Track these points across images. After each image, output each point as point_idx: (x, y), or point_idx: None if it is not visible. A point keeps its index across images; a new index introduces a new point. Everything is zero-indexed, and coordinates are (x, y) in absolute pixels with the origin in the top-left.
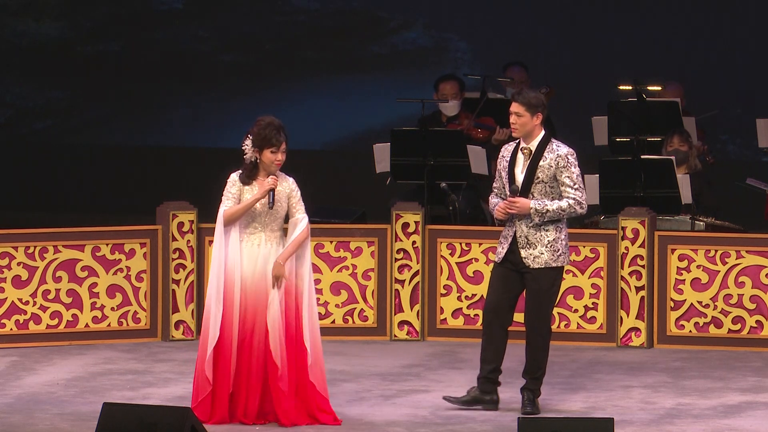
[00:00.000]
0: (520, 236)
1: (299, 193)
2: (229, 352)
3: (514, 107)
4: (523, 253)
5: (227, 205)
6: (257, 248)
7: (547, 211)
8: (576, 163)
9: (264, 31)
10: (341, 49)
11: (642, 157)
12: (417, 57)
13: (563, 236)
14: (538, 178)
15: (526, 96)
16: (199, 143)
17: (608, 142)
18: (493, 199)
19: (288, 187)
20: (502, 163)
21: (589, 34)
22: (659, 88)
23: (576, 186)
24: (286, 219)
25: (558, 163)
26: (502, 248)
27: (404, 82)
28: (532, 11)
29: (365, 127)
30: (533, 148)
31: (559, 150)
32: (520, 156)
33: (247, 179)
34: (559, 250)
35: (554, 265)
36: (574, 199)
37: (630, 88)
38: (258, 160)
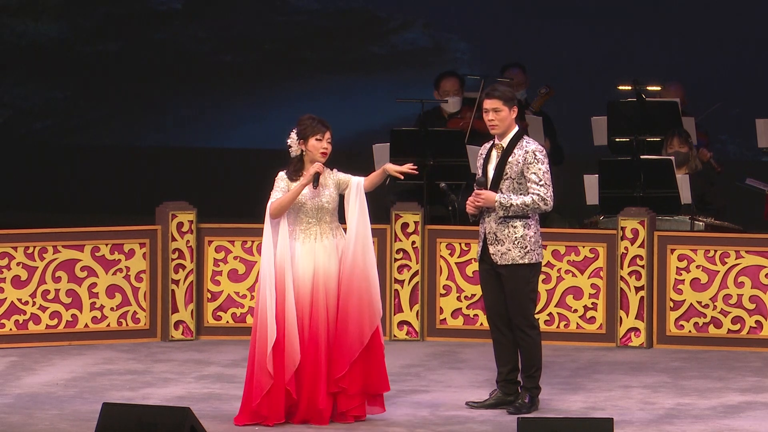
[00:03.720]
0: (489, 233)
1: (342, 173)
2: (282, 348)
3: (491, 103)
4: (491, 249)
5: (275, 197)
6: (314, 242)
7: (511, 205)
8: (544, 160)
9: (264, 31)
10: (341, 49)
11: (641, 157)
12: (417, 57)
13: (532, 233)
14: (507, 174)
15: (500, 90)
16: (199, 143)
17: (608, 142)
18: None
19: (333, 176)
20: (480, 161)
21: (589, 34)
22: (659, 89)
23: (541, 182)
24: (342, 218)
25: (525, 159)
26: (479, 246)
27: (404, 82)
28: (531, 11)
29: (365, 127)
30: (505, 145)
31: (527, 146)
32: (494, 153)
33: (294, 174)
34: (527, 247)
35: (521, 262)
36: (537, 195)
37: (630, 88)
38: (303, 153)
